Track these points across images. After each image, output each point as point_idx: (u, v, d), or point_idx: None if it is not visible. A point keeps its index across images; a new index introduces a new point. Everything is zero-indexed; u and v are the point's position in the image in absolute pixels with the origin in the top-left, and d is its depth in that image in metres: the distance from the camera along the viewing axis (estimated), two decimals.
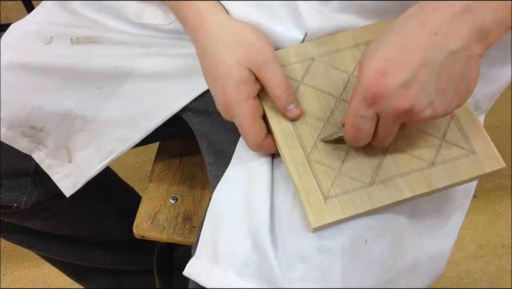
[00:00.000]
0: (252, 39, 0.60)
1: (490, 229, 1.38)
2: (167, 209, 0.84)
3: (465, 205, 0.70)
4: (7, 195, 0.77)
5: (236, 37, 0.60)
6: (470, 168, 0.58)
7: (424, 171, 0.58)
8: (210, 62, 0.61)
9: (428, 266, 0.66)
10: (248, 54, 0.59)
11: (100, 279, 1.09)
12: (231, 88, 0.58)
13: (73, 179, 0.76)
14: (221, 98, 0.60)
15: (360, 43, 0.65)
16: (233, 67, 0.59)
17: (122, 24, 0.72)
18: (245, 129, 0.59)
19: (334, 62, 0.64)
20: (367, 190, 0.57)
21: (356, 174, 0.58)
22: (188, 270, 0.60)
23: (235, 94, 0.58)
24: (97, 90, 0.72)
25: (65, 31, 0.72)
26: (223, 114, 0.61)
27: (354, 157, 0.59)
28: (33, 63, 0.70)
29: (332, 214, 0.56)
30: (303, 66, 0.64)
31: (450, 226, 0.68)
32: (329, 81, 0.63)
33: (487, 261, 1.33)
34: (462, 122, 0.61)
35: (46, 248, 0.96)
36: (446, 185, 0.58)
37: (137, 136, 0.75)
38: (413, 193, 0.57)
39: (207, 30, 0.62)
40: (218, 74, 0.60)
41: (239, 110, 0.59)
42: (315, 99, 0.62)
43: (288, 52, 0.65)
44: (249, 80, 0.59)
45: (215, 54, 0.60)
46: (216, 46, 0.60)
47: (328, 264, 0.56)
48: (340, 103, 0.62)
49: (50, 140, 0.74)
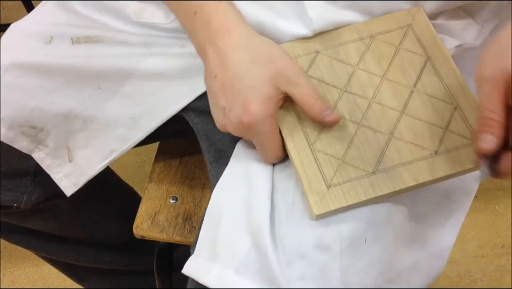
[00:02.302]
0: (281, 55, 0.59)
1: (490, 229, 1.38)
2: (167, 209, 0.84)
3: (466, 204, 0.70)
4: (7, 195, 0.77)
5: (265, 51, 0.58)
6: (473, 157, 0.58)
7: (427, 160, 0.58)
8: (232, 71, 0.57)
9: (428, 265, 0.66)
10: (279, 70, 0.57)
11: (100, 279, 1.09)
12: (257, 104, 0.56)
13: (74, 179, 0.76)
14: (240, 113, 0.56)
15: (364, 37, 0.66)
16: (262, 83, 0.56)
17: (123, 23, 0.72)
18: (268, 145, 0.59)
19: (338, 54, 0.65)
20: (369, 179, 0.58)
21: (359, 163, 0.59)
22: (187, 268, 0.60)
23: (261, 110, 0.56)
24: (98, 90, 0.72)
25: (65, 30, 0.72)
26: (235, 129, 0.58)
27: (358, 146, 0.60)
28: (34, 63, 0.70)
29: (335, 201, 0.56)
30: (307, 59, 0.65)
31: (451, 226, 0.68)
32: (333, 73, 0.64)
33: (487, 261, 1.33)
34: (466, 112, 0.61)
35: (46, 249, 0.96)
36: (449, 174, 0.58)
37: (138, 136, 0.75)
38: (416, 182, 0.57)
39: (234, 38, 0.58)
40: (242, 85, 0.56)
41: (263, 127, 0.57)
42: (319, 91, 0.62)
43: (293, 45, 0.66)
44: (276, 98, 0.57)
45: (241, 65, 0.57)
46: (242, 57, 0.57)
47: (328, 262, 0.56)
48: (343, 95, 0.63)
49: (51, 140, 0.74)
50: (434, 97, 0.63)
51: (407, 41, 0.66)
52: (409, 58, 0.65)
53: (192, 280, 0.60)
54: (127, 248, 1.03)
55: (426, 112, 0.62)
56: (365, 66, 0.65)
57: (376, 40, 0.66)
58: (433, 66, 0.64)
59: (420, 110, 0.62)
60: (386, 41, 0.66)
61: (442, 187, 0.65)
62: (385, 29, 0.67)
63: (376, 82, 0.64)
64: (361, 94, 0.63)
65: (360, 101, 0.63)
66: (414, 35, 0.66)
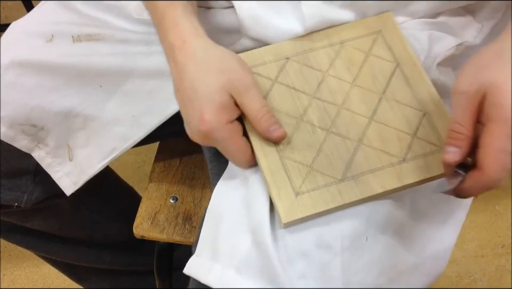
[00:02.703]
0: (235, 66, 0.59)
1: (490, 229, 1.38)
2: (167, 209, 0.84)
3: (467, 204, 0.70)
4: (8, 194, 0.77)
5: (219, 62, 0.58)
6: (441, 164, 0.58)
7: (395, 167, 0.59)
8: (188, 84, 0.58)
9: (429, 265, 0.66)
10: (231, 80, 0.57)
11: (100, 279, 1.09)
12: (210, 112, 0.56)
13: (74, 178, 0.76)
14: (197, 123, 0.57)
15: (334, 43, 0.66)
16: (215, 91, 0.57)
17: (123, 21, 0.72)
18: (232, 151, 0.59)
19: (308, 60, 0.65)
20: (338, 186, 0.58)
21: (327, 170, 0.59)
22: (188, 267, 0.60)
23: (215, 118, 0.56)
24: (99, 89, 0.72)
25: (66, 29, 0.72)
26: (198, 139, 0.59)
27: (327, 153, 0.60)
28: (34, 61, 0.70)
29: (303, 209, 0.56)
30: (277, 65, 0.65)
31: (452, 226, 0.68)
32: (303, 79, 0.64)
33: (487, 261, 1.33)
34: (435, 118, 0.61)
35: (46, 249, 0.96)
36: (416, 180, 0.58)
37: (139, 135, 0.75)
38: (383, 189, 0.58)
39: (188, 51, 0.59)
40: (197, 97, 0.57)
41: (220, 134, 0.57)
42: (289, 98, 0.63)
43: (263, 52, 0.66)
44: (230, 105, 0.58)
45: (195, 76, 0.58)
46: (196, 69, 0.58)
47: (329, 261, 0.56)
48: (313, 101, 0.63)
49: (51, 139, 0.74)
50: (403, 103, 0.63)
51: (377, 47, 0.66)
52: (379, 65, 0.65)
53: (193, 280, 0.60)
54: (127, 248, 1.03)
55: (395, 119, 0.62)
56: (335, 73, 0.65)
57: (347, 46, 0.66)
58: (403, 73, 0.64)
59: (389, 116, 0.62)
60: (356, 48, 0.66)
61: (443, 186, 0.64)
62: (355, 35, 0.67)
63: (345, 89, 0.64)
64: (331, 101, 0.63)
65: (330, 108, 0.62)
66: (384, 42, 0.66)
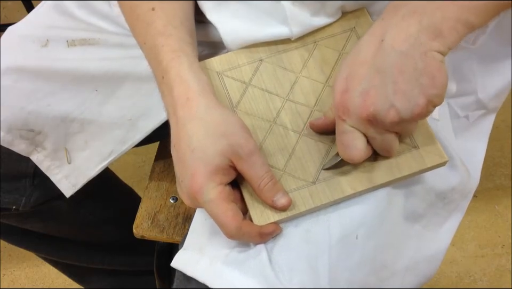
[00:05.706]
0: (236, 129, 0.57)
1: (490, 229, 1.38)
2: (167, 209, 0.84)
3: (463, 206, 0.70)
4: (6, 197, 0.77)
5: (220, 124, 0.57)
6: (412, 163, 0.58)
7: (366, 168, 0.58)
8: (186, 142, 0.57)
9: (423, 267, 0.66)
10: (232, 145, 0.55)
11: (100, 279, 1.09)
12: (203, 174, 0.55)
13: (73, 180, 0.76)
14: (187, 182, 0.56)
15: (308, 43, 0.66)
16: (212, 156, 0.55)
17: (118, 26, 0.73)
18: (219, 214, 0.55)
19: (281, 62, 0.65)
20: (309, 189, 0.58)
21: (299, 173, 0.59)
22: (175, 261, 0.60)
23: (206, 179, 0.55)
24: (95, 93, 0.72)
25: (61, 33, 0.72)
26: (188, 199, 0.57)
27: (299, 156, 0.60)
28: (30, 66, 0.71)
29: (275, 214, 0.57)
30: (251, 67, 0.65)
31: (448, 228, 0.69)
32: (276, 81, 0.64)
33: (487, 261, 1.33)
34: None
35: (46, 250, 0.96)
36: (388, 180, 0.58)
37: (137, 137, 0.75)
38: (354, 190, 0.58)
39: (192, 109, 0.57)
40: (192, 157, 0.56)
41: (208, 196, 0.55)
42: (262, 101, 0.63)
43: (237, 54, 0.65)
44: (225, 169, 0.56)
45: (194, 135, 0.56)
46: (196, 128, 0.56)
47: (316, 256, 0.56)
48: (286, 103, 0.63)
49: (49, 142, 0.74)
50: None
51: (350, 45, 0.65)
52: None
53: (179, 274, 0.60)
54: (127, 248, 1.03)
55: None
56: (308, 73, 0.64)
57: (320, 46, 0.65)
58: None
59: None
60: (329, 46, 0.65)
61: (438, 187, 0.65)
62: (329, 34, 0.66)
63: (318, 90, 0.63)
64: (304, 102, 0.63)
65: (302, 109, 0.62)
66: (358, 39, 0.65)
